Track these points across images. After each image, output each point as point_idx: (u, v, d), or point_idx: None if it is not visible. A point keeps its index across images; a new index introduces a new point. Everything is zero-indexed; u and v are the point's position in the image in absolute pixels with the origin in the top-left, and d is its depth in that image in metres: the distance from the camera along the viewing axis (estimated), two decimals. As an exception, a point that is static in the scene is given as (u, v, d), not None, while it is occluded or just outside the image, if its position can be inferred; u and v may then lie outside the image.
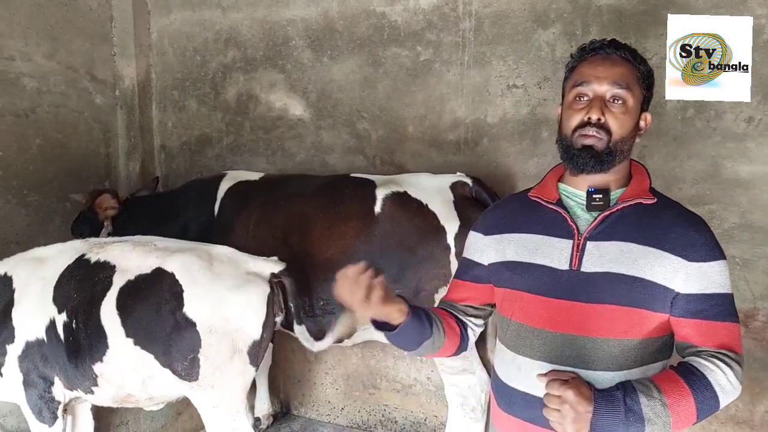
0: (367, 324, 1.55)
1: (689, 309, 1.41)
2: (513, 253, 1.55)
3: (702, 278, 1.41)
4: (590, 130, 1.46)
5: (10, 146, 3.46)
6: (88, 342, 2.40)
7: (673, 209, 1.51)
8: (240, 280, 2.41)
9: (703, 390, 1.34)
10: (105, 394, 2.51)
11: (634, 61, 1.51)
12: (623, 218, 1.47)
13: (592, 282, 1.43)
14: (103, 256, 2.49)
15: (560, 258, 1.48)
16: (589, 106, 1.47)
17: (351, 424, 3.92)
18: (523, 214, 1.60)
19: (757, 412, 2.99)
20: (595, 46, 1.53)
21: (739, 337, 1.45)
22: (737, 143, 2.88)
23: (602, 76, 1.47)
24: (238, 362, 2.40)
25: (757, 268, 2.91)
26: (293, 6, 3.78)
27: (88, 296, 2.41)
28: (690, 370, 1.38)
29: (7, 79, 3.44)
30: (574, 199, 1.55)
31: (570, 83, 1.55)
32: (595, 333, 1.42)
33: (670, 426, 1.31)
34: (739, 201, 2.91)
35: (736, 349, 1.42)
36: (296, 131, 3.88)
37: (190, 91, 4.17)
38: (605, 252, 1.44)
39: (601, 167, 1.47)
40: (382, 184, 2.99)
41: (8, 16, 3.44)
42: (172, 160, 4.30)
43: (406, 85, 3.55)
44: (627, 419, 1.29)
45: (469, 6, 3.35)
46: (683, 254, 1.41)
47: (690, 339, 1.43)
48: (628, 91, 1.47)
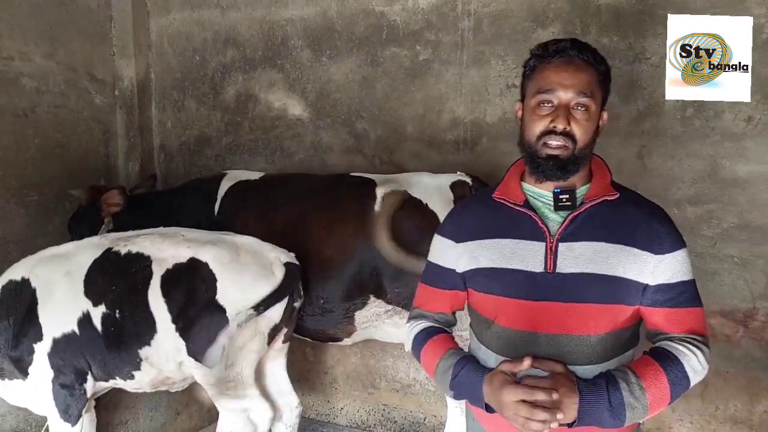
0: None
1: (658, 299, 1.48)
2: (488, 260, 1.57)
3: (668, 269, 1.48)
4: (556, 139, 1.48)
5: (9, 146, 3.46)
6: (134, 328, 2.50)
7: (636, 203, 1.56)
8: (265, 269, 2.58)
9: (676, 372, 1.42)
10: (145, 377, 2.62)
11: (596, 63, 1.52)
12: (591, 217, 1.51)
13: (568, 283, 1.47)
14: (134, 248, 2.59)
15: (535, 261, 1.51)
16: (554, 114, 1.48)
17: (350, 424, 3.92)
18: (492, 217, 1.61)
19: (756, 411, 2.99)
20: (558, 48, 1.52)
21: (704, 319, 1.53)
22: (736, 143, 2.88)
23: (567, 84, 1.47)
24: (257, 343, 2.58)
25: (755, 268, 2.91)
26: (292, 6, 3.78)
27: (128, 286, 2.51)
28: (663, 353, 1.46)
29: (6, 79, 3.44)
30: (540, 199, 1.57)
31: (533, 86, 1.54)
32: (575, 330, 1.47)
33: (647, 407, 1.40)
34: (737, 200, 2.91)
35: (702, 332, 1.51)
36: (295, 131, 3.88)
37: (190, 91, 4.18)
38: (578, 253, 1.48)
39: (566, 176, 1.51)
40: (381, 183, 2.99)
41: (7, 16, 3.44)
42: (172, 160, 4.30)
43: (405, 85, 3.55)
44: (611, 405, 1.37)
45: (468, 6, 3.35)
46: (650, 248, 1.47)
47: (660, 326, 1.51)
48: (591, 99, 1.49)
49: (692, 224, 2.98)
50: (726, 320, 2.99)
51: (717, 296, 2.98)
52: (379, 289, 2.89)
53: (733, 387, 3.02)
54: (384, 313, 2.94)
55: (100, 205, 3.32)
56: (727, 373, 3.02)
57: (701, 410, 3.10)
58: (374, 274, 2.88)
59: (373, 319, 2.97)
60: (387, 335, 3.09)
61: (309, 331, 3.03)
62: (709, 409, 3.08)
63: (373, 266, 2.87)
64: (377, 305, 2.93)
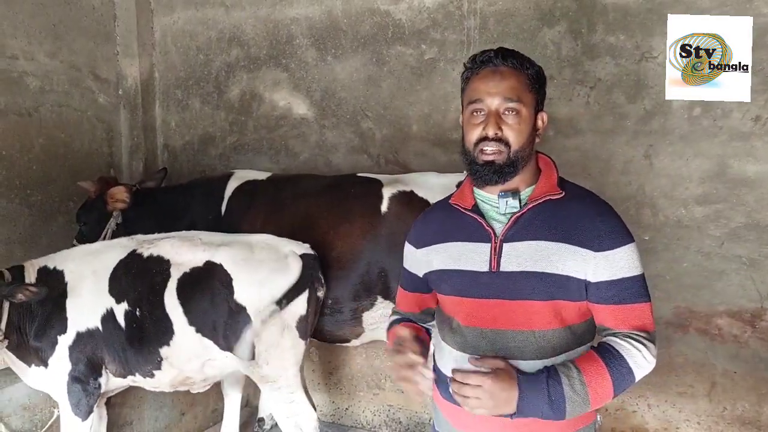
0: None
1: (601, 296, 1.52)
2: (439, 263, 1.66)
3: (609, 266, 1.50)
4: (490, 145, 1.53)
5: (13, 145, 3.45)
6: (154, 328, 2.57)
7: (581, 200, 1.59)
8: (281, 262, 2.63)
9: (619, 367, 1.46)
10: (165, 377, 2.68)
11: (522, 69, 1.57)
12: (534, 217, 1.55)
13: (511, 281, 1.53)
14: (156, 251, 2.67)
15: (480, 261, 1.57)
16: (485, 122, 1.54)
17: (355, 425, 3.91)
18: (446, 222, 1.69)
19: (764, 412, 2.98)
20: (484, 59, 1.58)
21: (651, 314, 1.54)
22: (744, 142, 2.87)
23: (493, 92, 1.53)
24: (288, 338, 2.62)
25: (763, 268, 2.89)
26: (297, 5, 3.77)
27: (148, 287, 2.60)
28: (607, 349, 1.50)
29: (10, 78, 3.43)
30: (488, 203, 1.63)
31: (465, 98, 1.62)
32: (520, 326, 1.53)
33: (589, 401, 1.44)
34: (745, 200, 2.89)
35: (648, 328, 1.53)
36: (300, 130, 3.87)
37: (194, 90, 4.16)
38: (521, 252, 1.53)
39: (504, 179, 1.56)
40: (388, 184, 2.99)
41: (11, 15, 3.43)
42: (175, 160, 4.29)
43: (411, 84, 3.53)
44: (551, 399, 1.42)
45: (474, 4, 3.33)
46: (590, 246, 1.50)
47: (605, 323, 1.56)
48: (519, 103, 1.53)
49: (700, 224, 2.97)
50: (734, 320, 2.97)
51: (725, 296, 2.97)
52: (387, 290, 2.89)
53: (740, 387, 3.01)
54: None
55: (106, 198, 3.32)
56: (735, 374, 3.01)
57: (709, 411, 3.08)
58: (382, 275, 2.88)
59: (381, 320, 2.97)
60: None
61: (318, 331, 3.02)
62: (717, 410, 3.07)
63: (380, 267, 2.87)
64: (385, 306, 2.93)
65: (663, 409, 3.17)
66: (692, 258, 3.01)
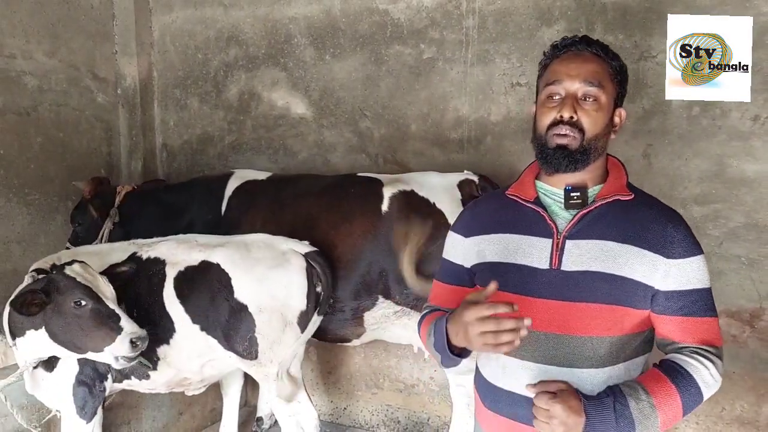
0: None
1: (669, 306, 1.43)
2: (493, 254, 1.55)
3: (681, 275, 1.42)
4: (563, 129, 1.45)
5: (12, 145, 3.45)
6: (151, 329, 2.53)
7: (651, 205, 1.51)
8: (278, 259, 2.66)
9: (689, 387, 1.38)
10: (161, 378, 2.68)
11: (606, 57, 1.50)
12: (601, 216, 1.47)
13: (573, 281, 1.44)
14: (153, 253, 2.70)
15: (540, 257, 1.48)
16: (561, 105, 1.47)
17: (354, 424, 3.91)
18: (502, 213, 1.59)
19: (763, 412, 2.97)
20: (567, 43, 1.52)
21: (719, 330, 1.47)
22: (743, 142, 2.86)
23: (574, 74, 1.46)
24: (290, 334, 2.66)
25: (763, 268, 2.89)
26: (295, 4, 3.76)
27: (145, 288, 2.61)
28: (674, 368, 1.41)
29: (8, 78, 3.43)
30: (551, 197, 1.55)
31: (543, 82, 1.54)
32: (577, 331, 1.43)
33: (658, 425, 1.35)
34: (744, 200, 2.89)
35: (716, 343, 1.45)
36: (298, 130, 3.86)
37: (192, 90, 4.16)
38: (585, 251, 1.45)
39: (576, 166, 1.48)
40: (389, 183, 3.00)
41: (9, 14, 3.42)
42: (174, 159, 4.29)
43: (409, 84, 3.53)
44: (618, 424, 1.32)
45: (473, 3, 3.33)
46: (662, 251, 1.42)
47: (671, 336, 1.46)
48: (600, 89, 1.46)
49: (699, 224, 2.96)
50: (733, 320, 2.97)
51: (723, 296, 2.96)
52: (388, 290, 2.89)
53: (739, 388, 3.00)
54: (393, 314, 2.95)
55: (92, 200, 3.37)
56: (734, 374, 3.00)
57: (707, 411, 3.08)
58: (383, 275, 2.88)
59: (382, 320, 2.97)
60: (395, 336, 3.09)
61: (320, 331, 3.01)
62: (716, 410, 3.06)
63: (381, 267, 2.87)
64: (386, 306, 2.93)
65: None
66: (691, 258, 3.00)
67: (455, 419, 3.02)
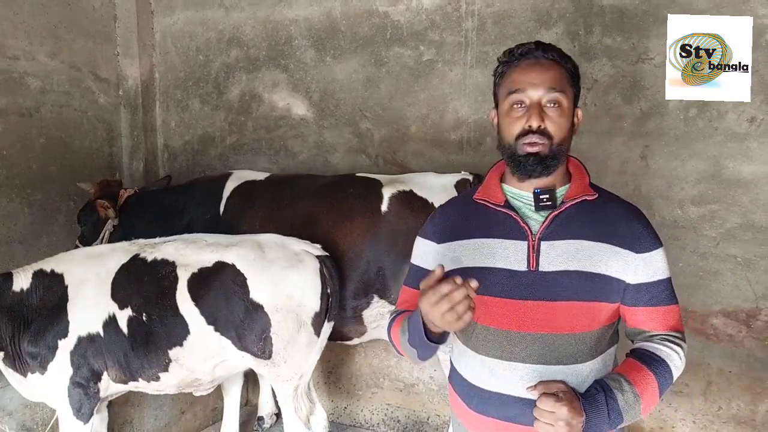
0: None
1: (639, 297, 1.51)
2: (469, 259, 1.56)
3: (647, 267, 1.50)
4: (533, 138, 1.48)
5: (14, 145, 3.47)
6: (163, 330, 2.56)
7: (615, 203, 1.59)
8: (292, 260, 2.66)
9: (663, 372, 1.47)
10: (172, 379, 2.67)
11: (563, 62, 1.54)
12: (572, 216, 1.52)
13: (551, 281, 1.48)
14: (159, 255, 2.66)
15: (517, 259, 1.51)
16: (528, 114, 1.49)
17: (354, 423, 3.93)
18: (473, 218, 1.61)
19: (759, 411, 3.00)
20: (524, 51, 1.53)
21: (681, 316, 1.57)
22: (739, 143, 2.89)
23: (537, 82, 1.48)
24: (304, 335, 2.65)
25: (758, 268, 2.91)
26: (296, 6, 3.78)
27: (155, 291, 2.58)
28: (649, 356, 1.49)
29: (10, 79, 3.45)
30: (520, 200, 1.57)
31: (503, 90, 1.55)
32: (561, 329, 1.48)
33: (640, 411, 1.44)
34: (741, 201, 2.91)
35: (680, 328, 1.55)
36: (299, 131, 3.89)
37: (193, 91, 4.18)
38: (561, 251, 1.49)
39: (548, 171, 1.52)
40: (388, 183, 3.02)
41: (11, 15, 3.45)
42: (175, 160, 4.31)
43: (409, 85, 3.55)
44: (609, 417, 1.40)
45: (472, 6, 3.35)
46: (630, 247, 1.49)
47: (641, 325, 1.55)
48: (562, 94, 1.49)
49: (695, 224, 2.99)
50: (729, 320, 3.00)
51: (720, 296, 2.99)
52: (384, 289, 2.92)
53: (735, 387, 3.03)
54: (387, 313, 2.97)
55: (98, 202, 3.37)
56: (730, 373, 3.03)
57: (704, 410, 3.11)
58: (380, 274, 2.91)
59: (378, 318, 3.00)
60: None
61: None
62: (712, 409, 3.09)
63: (379, 266, 2.91)
64: (381, 305, 2.96)
65: (659, 408, 3.19)
66: (687, 258, 3.03)
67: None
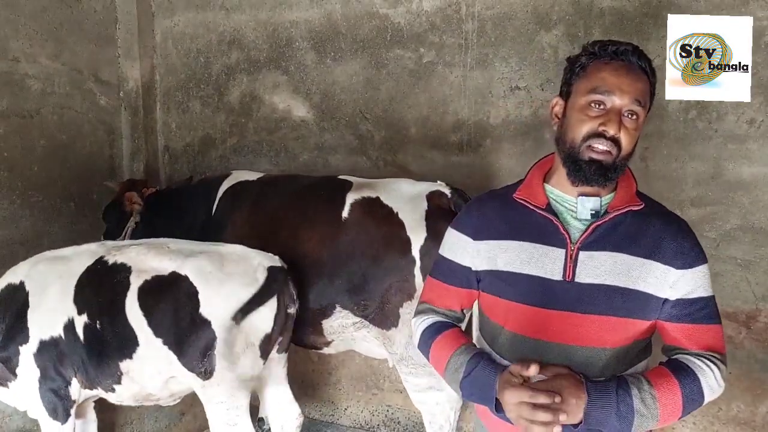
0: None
1: (676, 314, 1.45)
2: (505, 263, 1.53)
3: (687, 284, 1.44)
4: (605, 144, 1.42)
5: (15, 147, 3.47)
6: (115, 340, 2.46)
7: (661, 215, 1.53)
8: (248, 276, 2.47)
9: (691, 386, 1.39)
10: (126, 392, 2.57)
11: (651, 76, 1.48)
12: (615, 227, 1.47)
13: (586, 293, 1.44)
14: (120, 259, 2.55)
15: (553, 268, 1.47)
16: (606, 118, 1.42)
17: (354, 425, 3.93)
18: (512, 218, 1.56)
19: (759, 413, 3.00)
20: (620, 50, 1.45)
21: (723, 337, 1.49)
22: (739, 145, 2.89)
23: (626, 90, 1.41)
24: (249, 356, 2.47)
25: (758, 270, 2.92)
26: (297, 8, 3.79)
27: (109, 297, 2.47)
28: (681, 366, 1.42)
29: (12, 81, 3.46)
30: (563, 204, 1.52)
31: (585, 84, 1.47)
32: (590, 342, 1.44)
33: (657, 418, 1.36)
34: (740, 202, 2.92)
35: (721, 350, 1.46)
36: (299, 132, 3.90)
37: (194, 93, 4.19)
38: (599, 263, 1.44)
39: (607, 181, 1.46)
40: (355, 189, 2.88)
41: (13, 17, 3.45)
42: (176, 162, 4.32)
43: (409, 87, 3.56)
44: (619, 410, 1.33)
45: (472, 8, 3.36)
46: (672, 263, 1.44)
47: (678, 342, 1.48)
48: (643, 108, 1.44)
49: (695, 226, 2.92)
50: (729, 322, 2.99)
51: (720, 298, 2.89)
52: (345, 299, 2.77)
53: (736, 388, 3.03)
54: (351, 325, 2.84)
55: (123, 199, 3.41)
56: (730, 375, 3.02)
57: (704, 411, 3.10)
58: (339, 284, 2.76)
59: (340, 330, 2.85)
60: (366, 350, 2.98)
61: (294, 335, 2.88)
62: (712, 410, 3.09)
63: (339, 274, 2.76)
64: (343, 316, 2.82)
65: (659, 410, 3.19)
66: (688, 259, 3.03)
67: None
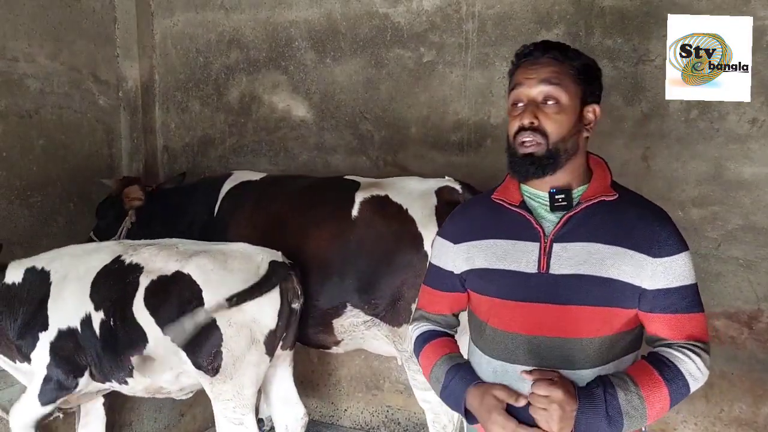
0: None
1: (657, 304, 1.44)
2: (482, 261, 1.55)
3: (667, 273, 1.43)
4: (526, 136, 1.45)
5: (14, 147, 3.47)
6: (126, 337, 2.53)
7: (636, 204, 1.52)
8: (251, 273, 2.51)
9: (676, 380, 1.40)
10: (137, 385, 2.64)
11: (566, 59, 1.49)
12: (587, 218, 1.47)
13: (561, 284, 1.45)
14: (135, 259, 2.61)
15: (528, 261, 1.48)
16: (522, 112, 1.47)
17: (354, 425, 3.92)
18: (489, 218, 1.60)
19: (761, 413, 2.99)
20: (526, 51, 1.52)
21: (706, 325, 1.49)
22: (740, 145, 2.89)
23: (531, 77, 1.46)
24: (254, 353, 2.51)
25: (760, 270, 2.91)
26: (296, 7, 3.78)
27: (121, 295, 2.54)
28: (662, 360, 1.43)
29: (10, 80, 3.45)
30: (537, 200, 1.54)
31: (507, 91, 1.56)
32: (568, 334, 1.44)
33: (646, 417, 1.37)
34: (742, 202, 2.91)
35: (703, 338, 1.47)
36: (299, 132, 3.88)
37: (193, 93, 4.18)
38: (573, 254, 1.45)
39: (544, 172, 1.47)
40: (364, 188, 2.87)
41: (12, 17, 3.45)
42: (175, 161, 4.30)
43: (409, 87, 3.55)
44: (608, 415, 1.34)
45: (472, 7, 3.35)
46: (648, 251, 1.43)
47: (659, 333, 1.47)
48: (558, 87, 1.45)
49: (696, 226, 2.99)
50: (730, 322, 2.99)
51: (721, 298, 2.98)
52: (357, 298, 2.77)
53: (737, 389, 3.02)
54: (362, 324, 2.83)
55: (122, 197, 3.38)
56: (732, 375, 3.02)
57: (705, 412, 3.10)
58: (350, 282, 2.76)
59: (351, 329, 2.85)
60: (375, 348, 2.98)
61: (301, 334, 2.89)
62: (714, 411, 3.08)
63: (349, 274, 2.76)
64: (354, 315, 2.81)
65: (660, 410, 3.18)
66: (689, 260, 3.02)
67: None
